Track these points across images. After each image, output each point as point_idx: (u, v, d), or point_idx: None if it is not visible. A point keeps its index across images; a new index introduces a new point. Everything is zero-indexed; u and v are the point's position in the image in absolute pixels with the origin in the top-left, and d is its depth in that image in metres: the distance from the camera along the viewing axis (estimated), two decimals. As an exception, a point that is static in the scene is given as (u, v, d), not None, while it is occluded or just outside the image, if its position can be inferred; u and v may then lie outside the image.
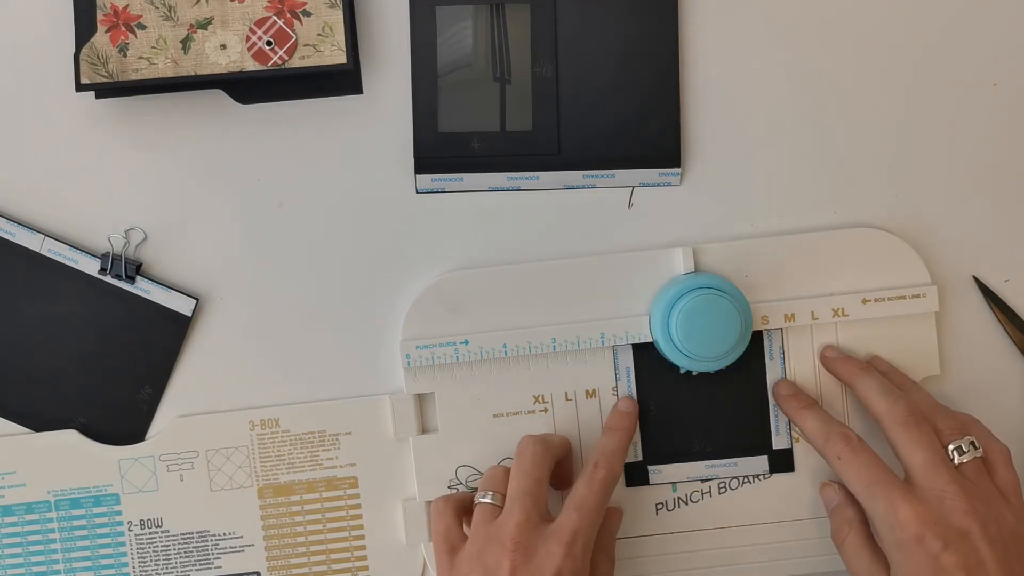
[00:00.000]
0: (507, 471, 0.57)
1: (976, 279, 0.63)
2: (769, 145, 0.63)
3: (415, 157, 0.62)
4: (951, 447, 0.55)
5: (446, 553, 0.56)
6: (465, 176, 0.62)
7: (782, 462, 0.62)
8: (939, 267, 0.63)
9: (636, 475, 0.61)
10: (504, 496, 0.56)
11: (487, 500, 0.56)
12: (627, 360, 0.61)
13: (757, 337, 0.61)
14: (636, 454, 0.62)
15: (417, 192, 0.62)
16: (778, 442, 0.62)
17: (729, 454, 0.61)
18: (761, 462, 0.62)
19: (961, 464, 0.54)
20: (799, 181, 0.63)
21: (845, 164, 0.63)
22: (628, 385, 0.61)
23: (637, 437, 0.61)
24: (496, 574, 0.52)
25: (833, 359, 0.60)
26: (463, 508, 0.58)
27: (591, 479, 0.56)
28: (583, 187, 0.62)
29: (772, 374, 0.62)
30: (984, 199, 0.63)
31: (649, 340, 0.60)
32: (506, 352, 0.61)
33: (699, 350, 0.58)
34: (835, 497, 0.59)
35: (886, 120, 0.63)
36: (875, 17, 0.63)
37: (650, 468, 0.61)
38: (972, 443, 0.55)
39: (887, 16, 0.63)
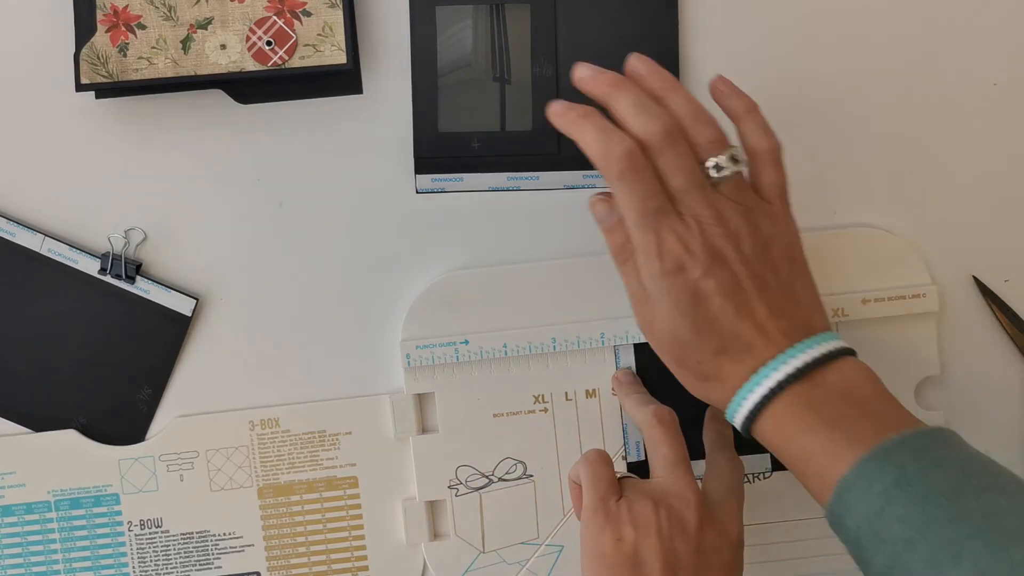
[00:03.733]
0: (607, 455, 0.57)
1: (976, 279, 0.63)
2: (769, 145, 0.63)
3: (415, 157, 0.62)
4: (708, 165, 0.52)
5: (605, 497, 0.54)
6: (465, 176, 0.62)
7: None
8: (939, 267, 0.63)
9: (641, 475, 0.61)
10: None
11: (624, 473, 0.57)
12: (628, 359, 0.61)
13: None
14: (639, 453, 0.62)
15: (417, 192, 0.62)
16: None
17: None
18: (763, 460, 0.62)
19: (720, 182, 0.52)
20: (798, 181, 0.63)
21: (845, 164, 0.63)
22: None
23: (640, 436, 0.61)
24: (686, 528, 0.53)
25: (586, 78, 0.53)
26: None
27: (731, 464, 0.58)
28: (583, 187, 0.62)
29: None
30: (984, 199, 0.63)
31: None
32: (506, 352, 0.61)
33: None
34: (612, 215, 0.54)
35: (886, 120, 0.63)
36: (875, 17, 0.63)
37: None
38: (732, 157, 0.52)
39: (887, 16, 0.63)
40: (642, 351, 0.61)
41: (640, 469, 0.61)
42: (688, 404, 0.59)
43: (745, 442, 0.61)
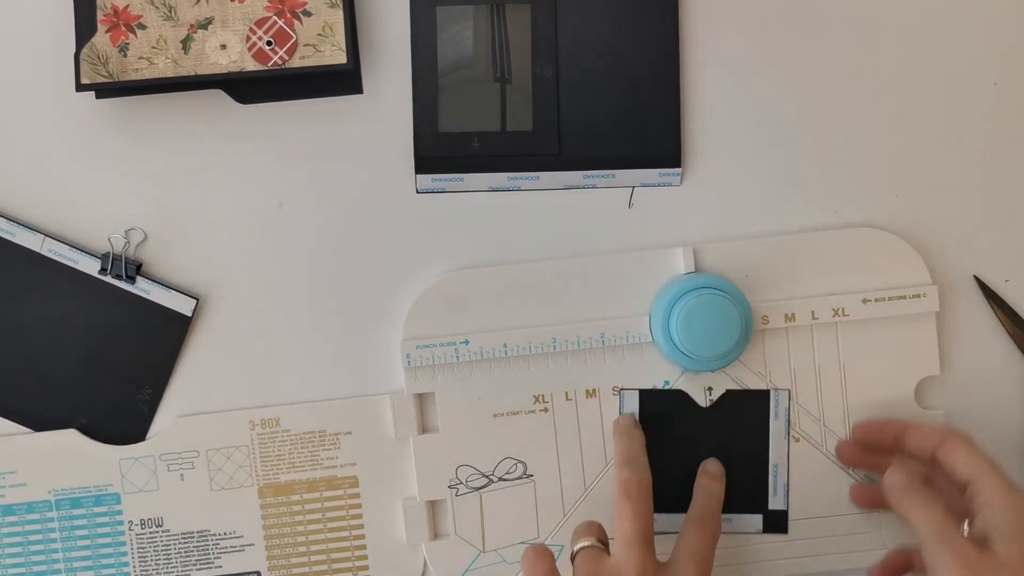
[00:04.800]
0: (599, 524, 0.57)
1: (977, 279, 0.63)
2: (769, 145, 0.63)
3: (415, 157, 0.62)
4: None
5: None
6: (465, 176, 0.62)
7: (776, 523, 0.61)
8: (940, 267, 0.63)
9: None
10: (604, 543, 0.56)
11: (590, 544, 0.55)
12: (632, 405, 0.61)
13: (763, 395, 0.61)
14: None
15: (417, 192, 0.62)
16: (774, 503, 0.61)
17: (723, 509, 0.60)
18: (755, 520, 0.61)
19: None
20: (799, 181, 0.63)
21: (845, 164, 0.63)
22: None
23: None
24: None
25: (896, 488, 0.55)
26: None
27: (701, 528, 0.56)
28: (583, 187, 0.62)
29: (776, 433, 0.61)
30: (984, 198, 0.63)
31: (648, 340, 0.60)
32: (506, 352, 0.61)
33: (699, 349, 0.58)
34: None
35: (886, 119, 0.63)
36: (875, 17, 0.62)
37: None
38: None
39: (887, 16, 0.63)
40: (649, 399, 0.61)
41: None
42: (682, 451, 0.60)
43: (738, 498, 0.61)
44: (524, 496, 0.62)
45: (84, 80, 0.58)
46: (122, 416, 0.62)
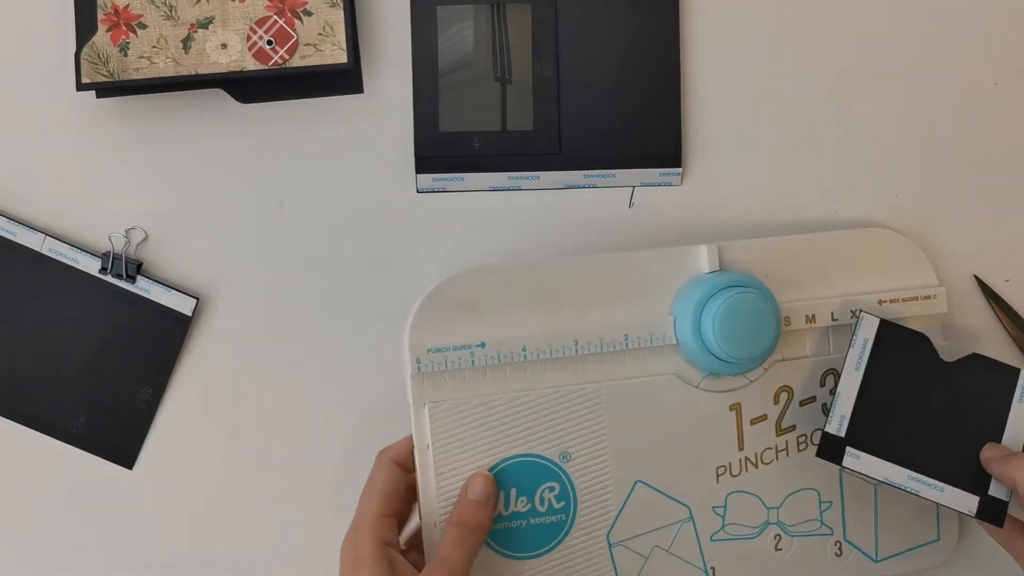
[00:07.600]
0: None
1: (977, 278, 0.63)
2: (769, 145, 0.63)
3: (416, 156, 0.62)
4: None
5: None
6: (466, 176, 0.62)
7: (993, 512, 0.55)
8: (940, 266, 0.63)
9: (831, 450, 0.56)
10: None
11: None
12: (869, 330, 0.57)
13: (1012, 372, 0.57)
14: (839, 428, 0.56)
15: (418, 192, 0.62)
16: (996, 489, 0.56)
17: (939, 476, 0.56)
18: (970, 501, 0.56)
19: None
20: (799, 181, 0.63)
21: (845, 164, 0.63)
22: (860, 357, 0.56)
23: (846, 409, 0.56)
24: None
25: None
26: None
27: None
28: (584, 187, 0.62)
29: (1017, 416, 0.57)
30: (985, 198, 0.63)
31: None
32: (525, 356, 0.56)
33: (736, 352, 0.55)
34: None
35: (886, 120, 0.63)
36: (876, 17, 0.63)
37: (848, 449, 0.56)
38: None
39: (888, 16, 0.63)
40: (889, 330, 0.58)
41: (834, 444, 0.56)
42: (915, 402, 0.57)
43: (956, 471, 0.56)
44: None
45: (85, 79, 0.58)
46: (122, 416, 0.62)
